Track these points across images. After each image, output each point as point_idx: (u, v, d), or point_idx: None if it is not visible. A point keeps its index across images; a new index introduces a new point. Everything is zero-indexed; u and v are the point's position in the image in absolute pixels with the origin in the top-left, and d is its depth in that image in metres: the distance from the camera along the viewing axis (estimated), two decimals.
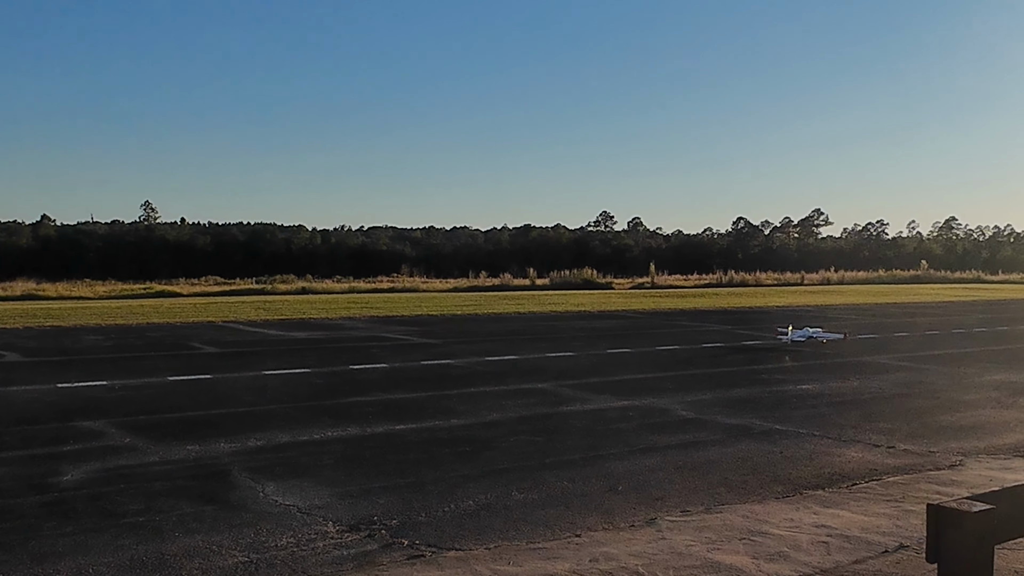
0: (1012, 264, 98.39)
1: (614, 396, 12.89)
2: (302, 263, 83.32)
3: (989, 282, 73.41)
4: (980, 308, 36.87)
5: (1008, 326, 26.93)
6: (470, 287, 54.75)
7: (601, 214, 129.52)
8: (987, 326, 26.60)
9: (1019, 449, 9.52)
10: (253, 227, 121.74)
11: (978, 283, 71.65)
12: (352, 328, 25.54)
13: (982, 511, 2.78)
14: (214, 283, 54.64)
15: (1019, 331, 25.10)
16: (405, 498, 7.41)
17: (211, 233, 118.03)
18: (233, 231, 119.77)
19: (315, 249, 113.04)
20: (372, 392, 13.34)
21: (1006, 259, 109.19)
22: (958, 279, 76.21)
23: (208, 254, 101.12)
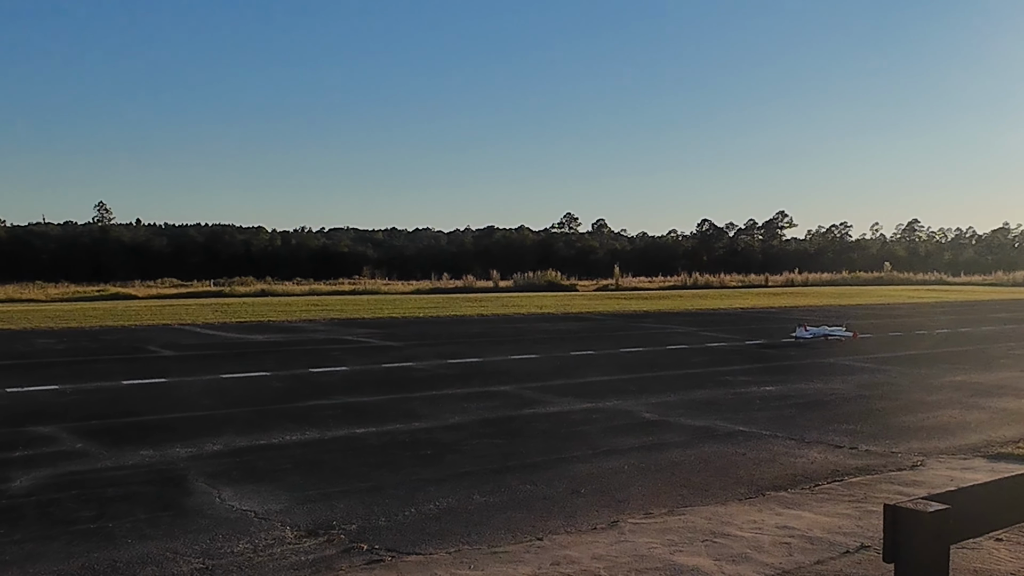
0: (974, 266, 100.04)
1: (578, 398, 12.92)
2: (262, 265, 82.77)
3: (951, 284, 74.61)
4: (942, 310, 37.46)
5: (970, 328, 27.37)
6: (433, 289, 54.66)
7: (565, 216, 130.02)
8: (949, 327, 27.03)
9: (979, 449, 9.68)
10: (211, 228, 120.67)
11: (941, 285, 72.79)
12: (312, 331, 25.39)
13: (938, 511, 2.82)
14: (171, 285, 54.09)
15: (981, 333, 25.53)
16: (365, 502, 7.38)
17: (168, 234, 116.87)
18: (191, 232, 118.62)
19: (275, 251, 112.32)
20: (332, 395, 13.27)
21: (968, 261, 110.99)
22: (921, 281, 77.38)
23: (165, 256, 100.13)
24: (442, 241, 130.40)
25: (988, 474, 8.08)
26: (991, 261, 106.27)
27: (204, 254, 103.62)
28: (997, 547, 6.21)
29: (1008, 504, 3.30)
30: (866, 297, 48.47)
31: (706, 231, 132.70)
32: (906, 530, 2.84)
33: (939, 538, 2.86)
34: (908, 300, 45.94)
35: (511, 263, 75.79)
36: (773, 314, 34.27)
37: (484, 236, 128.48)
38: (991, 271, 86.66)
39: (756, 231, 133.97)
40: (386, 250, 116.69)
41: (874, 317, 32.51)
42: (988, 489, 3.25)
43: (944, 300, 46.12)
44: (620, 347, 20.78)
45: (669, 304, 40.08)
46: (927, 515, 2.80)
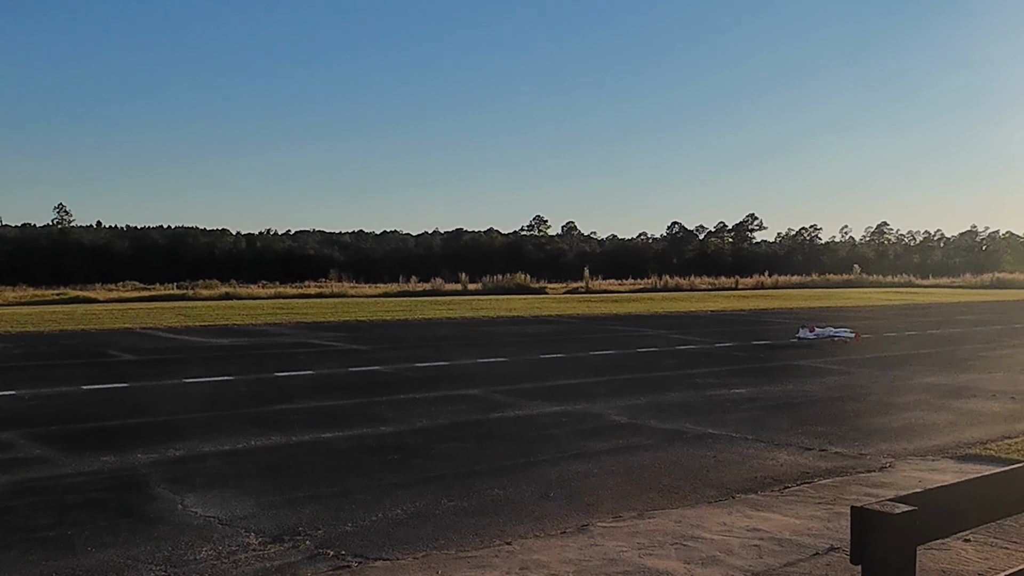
0: (942, 268, 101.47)
1: (547, 402, 12.94)
2: (226, 268, 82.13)
3: (920, 286, 75.51)
4: (910, 312, 37.91)
5: (938, 330, 27.72)
6: (400, 292, 54.51)
7: (535, 218, 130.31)
8: (917, 329, 27.36)
9: (947, 450, 9.80)
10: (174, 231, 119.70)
11: (909, 287, 73.66)
12: (278, 334, 25.24)
13: (905, 512, 2.86)
14: (133, 288, 53.51)
15: (948, 335, 25.86)
16: (331, 507, 7.34)
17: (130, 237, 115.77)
18: (153, 235, 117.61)
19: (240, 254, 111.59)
20: (298, 399, 13.20)
21: (936, 263, 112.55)
22: (890, 283, 78.23)
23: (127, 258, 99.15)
24: (410, 244, 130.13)
25: (956, 475, 8.19)
26: (959, 264, 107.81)
27: (167, 257, 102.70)
28: (965, 547, 6.30)
29: (975, 505, 3.34)
30: (836, 299, 48.95)
31: (676, 234, 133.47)
32: (873, 532, 2.87)
33: (906, 539, 2.89)
34: (877, 302, 46.44)
35: (480, 266, 75.79)
36: (743, 317, 34.52)
37: (453, 239, 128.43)
38: (959, 274, 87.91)
39: (726, 234, 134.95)
40: (353, 253, 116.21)
41: (843, 320, 32.81)
42: (955, 490, 3.29)
43: (913, 302, 46.67)
44: (590, 350, 20.83)
45: (639, 307, 40.25)
46: (894, 517, 2.83)
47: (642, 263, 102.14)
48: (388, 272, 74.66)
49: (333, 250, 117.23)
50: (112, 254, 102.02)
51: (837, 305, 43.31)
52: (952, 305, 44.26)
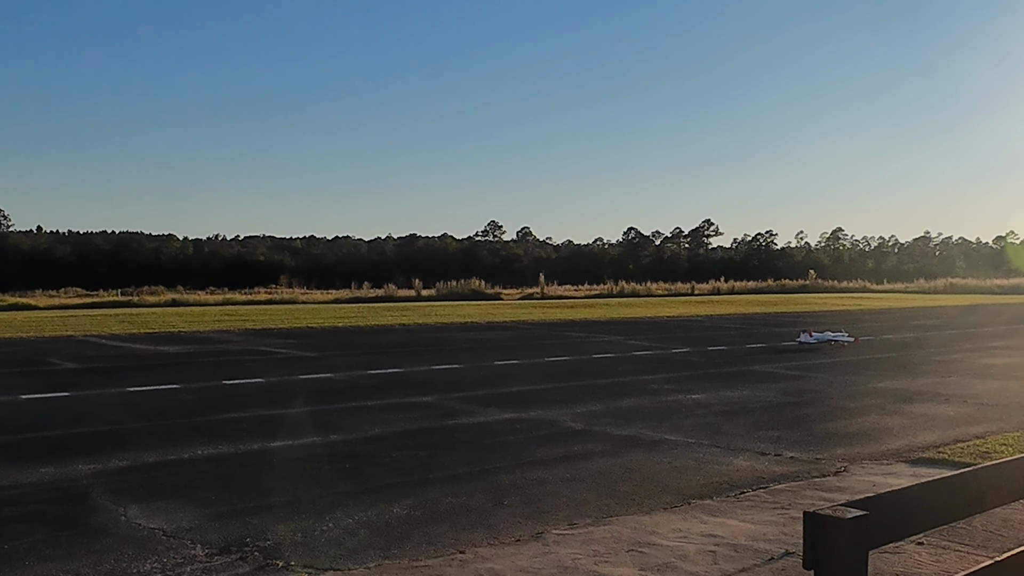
0: (896, 274, 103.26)
1: (501, 409, 12.94)
2: (173, 274, 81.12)
3: (874, 291, 76.77)
4: (865, 317, 38.48)
5: (892, 334, 28.17)
6: (352, 298, 54.23)
7: (489, 223, 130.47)
8: (872, 334, 27.76)
9: (902, 454, 9.96)
10: (119, 236, 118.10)
11: (864, 292, 74.85)
12: (226, 341, 24.96)
13: (857, 517, 2.89)
14: (75, 295, 52.68)
15: (903, 339, 26.29)
16: (281, 517, 7.27)
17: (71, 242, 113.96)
18: (96, 240, 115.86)
19: (187, 259, 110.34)
20: (247, 408, 13.06)
21: (890, 269, 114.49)
22: (845, 288, 79.46)
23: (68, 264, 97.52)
24: (362, 249, 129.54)
25: (910, 479, 8.32)
26: (913, 269, 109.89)
27: (110, 262, 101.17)
28: (919, 551, 6.40)
29: (926, 508, 3.39)
30: (791, 305, 49.55)
31: (632, 239, 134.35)
32: (825, 536, 2.90)
33: (858, 544, 2.93)
34: (832, 308, 47.09)
35: (434, 272, 75.64)
36: (699, 322, 34.81)
37: (406, 244, 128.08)
38: (913, 279, 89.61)
39: (682, 239, 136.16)
40: (304, 259, 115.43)
41: (799, 325, 33.23)
42: (907, 494, 3.34)
43: (867, 307, 47.38)
44: (545, 356, 20.87)
45: (595, 313, 40.42)
46: (846, 521, 2.87)
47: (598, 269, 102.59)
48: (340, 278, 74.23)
49: (284, 256, 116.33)
50: (53, 260, 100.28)
51: (793, 311, 43.85)
52: (906, 310, 45.01)
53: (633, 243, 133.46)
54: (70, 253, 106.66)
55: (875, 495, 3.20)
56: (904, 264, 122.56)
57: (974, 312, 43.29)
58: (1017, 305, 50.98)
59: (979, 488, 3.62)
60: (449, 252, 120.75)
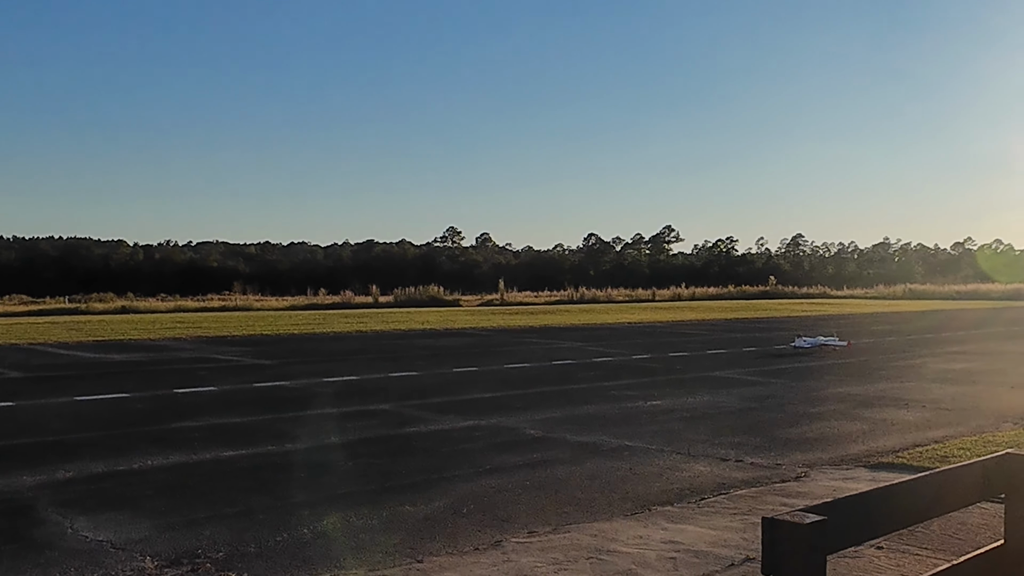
0: (856, 280, 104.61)
1: (460, 416, 12.92)
2: (122, 280, 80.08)
3: (834, 297, 77.70)
4: (825, 323, 38.90)
5: (852, 340, 28.49)
6: (308, 305, 53.87)
7: (448, 229, 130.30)
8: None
9: (862, 459, 10.09)
10: (66, 242, 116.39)
11: (824, 298, 75.71)
12: (178, 349, 24.68)
13: (815, 522, 2.91)
14: (20, 302, 51.75)
15: (862, 346, 26.61)
16: (234, 528, 7.20)
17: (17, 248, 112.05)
18: (43, 246, 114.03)
19: (137, 265, 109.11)
20: (199, 417, 12.91)
21: (850, 275, 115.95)
22: (805, 294, 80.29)
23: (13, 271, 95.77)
24: (319, 255, 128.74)
25: (869, 483, 8.42)
26: (872, 275, 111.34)
27: (58, 269, 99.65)
28: (878, 555, 6.48)
29: (884, 513, 3.44)
30: (752, 311, 50.01)
31: (593, 245, 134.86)
32: (783, 542, 2.92)
33: (816, 549, 2.95)
34: (792, 314, 47.59)
35: (391, 278, 75.33)
36: (660, 328, 35.01)
37: (363, 250, 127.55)
38: (873, 285, 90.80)
39: (643, 245, 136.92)
40: (259, 265, 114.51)
41: (759, 331, 33.57)
42: (864, 499, 3.38)
43: (827, 313, 47.95)
44: (504, 363, 20.88)
45: (555, 319, 40.51)
46: (804, 527, 2.89)
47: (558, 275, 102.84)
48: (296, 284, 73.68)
49: (238, 262, 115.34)
50: None
51: (753, 316, 44.25)
52: (865, 315, 45.62)
53: (594, 249, 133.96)
54: (15, 259, 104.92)
55: (833, 500, 3.23)
56: (864, 270, 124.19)
57: (932, 317, 43.97)
58: (974, 310, 51.88)
59: (937, 492, 3.68)
60: (407, 258, 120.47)
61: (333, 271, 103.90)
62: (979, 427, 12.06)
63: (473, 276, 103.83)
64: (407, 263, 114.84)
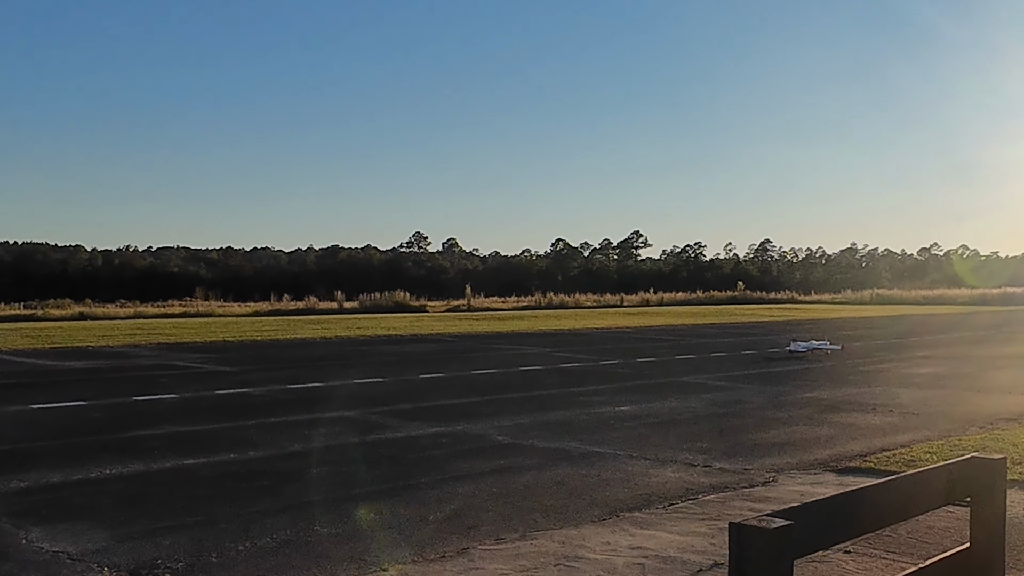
0: (824, 285, 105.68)
1: (427, 423, 12.89)
2: (80, 286, 79.14)
3: (802, 302, 78.36)
4: (793, 328, 39.22)
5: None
6: (272, 311, 53.55)
7: (415, 235, 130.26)
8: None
9: (829, 464, 10.17)
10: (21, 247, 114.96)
11: (791, 303, 76.34)
12: (138, 356, 24.43)
13: (781, 527, 2.94)
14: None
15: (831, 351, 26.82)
16: (195, 538, 7.12)
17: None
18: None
19: (96, 271, 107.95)
20: (159, 425, 12.78)
21: (818, 280, 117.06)
22: (773, 299, 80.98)
23: None
24: (283, 261, 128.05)
25: (837, 488, 8.49)
26: (840, 280, 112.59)
27: (13, 274, 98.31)
28: (845, 559, 6.54)
29: (851, 517, 3.47)
30: (720, 316, 50.32)
31: (560, 251, 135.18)
32: (750, 547, 2.94)
33: (783, 554, 2.98)
34: (761, 319, 47.95)
35: (357, 284, 75.10)
36: (628, 334, 35.14)
37: (328, 255, 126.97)
38: (840, 290, 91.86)
39: (611, 251, 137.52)
40: (221, 270, 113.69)
41: (726, 336, 33.78)
42: (830, 504, 3.41)
43: (795, 318, 48.33)
44: (471, 369, 20.85)
45: (523, 325, 40.53)
46: (770, 532, 2.91)
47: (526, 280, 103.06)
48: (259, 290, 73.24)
49: (199, 267, 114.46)
50: None
51: (721, 322, 44.54)
52: (833, 320, 46.01)
53: (561, 254, 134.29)
54: None
55: (799, 505, 3.26)
56: (831, 275, 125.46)
57: (899, 322, 44.48)
58: (941, 315, 52.57)
59: (903, 496, 3.72)
60: (373, 264, 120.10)
61: (297, 277, 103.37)
62: (946, 431, 12.20)
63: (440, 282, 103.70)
64: (373, 268, 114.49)
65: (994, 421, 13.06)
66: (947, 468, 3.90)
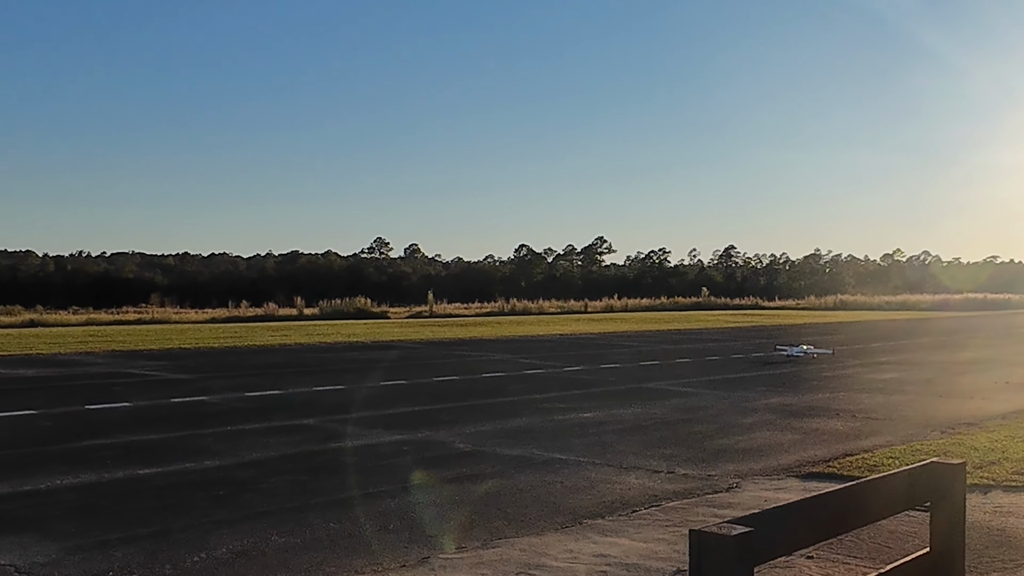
0: (788, 291, 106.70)
1: (388, 430, 12.84)
2: (31, 293, 78.00)
3: (766, 308, 79.01)
4: (757, 334, 39.57)
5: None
6: (230, 318, 53.07)
7: (376, 240, 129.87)
8: (763, 351, 28.55)
9: (792, 469, 10.26)
10: None
11: (756, 309, 76.95)
12: (91, 364, 24.11)
13: (742, 534, 2.95)
14: None
15: (796, 357, 27.08)
16: (148, 549, 7.04)
17: None
18: None
19: (47, 277, 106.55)
20: (113, 434, 12.62)
21: (782, 286, 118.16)
22: (737, 305, 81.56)
23: None
24: (241, 266, 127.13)
25: (800, 493, 8.56)
26: (804, 286, 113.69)
27: None
28: (808, 564, 6.59)
29: (813, 523, 3.50)
30: (685, 323, 50.61)
31: (524, 256, 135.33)
32: (710, 554, 2.96)
33: (743, 560, 2.99)
34: (725, 325, 48.28)
35: (317, 290, 74.61)
36: (593, 340, 35.23)
37: (288, 261, 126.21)
38: (804, 296, 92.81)
39: (575, 256, 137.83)
40: (177, 276, 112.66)
41: (691, 342, 33.98)
42: (791, 509, 3.43)
43: (759, 324, 48.73)
44: (433, 376, 20.80)
45: (486, 331, 40.50)
46: (730, 538, 2.93)
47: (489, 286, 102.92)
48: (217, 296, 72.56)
49: (155, 273, 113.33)
50: None
51: (685, 328, 44.78)
52: (797, 326, 46.45)
53: (525, 260, 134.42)
54: None
55: (760, 511, 3.28)
56: (795, 281, 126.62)
57: (862, 328, 44.99)
58: (904, 321, 53.25)
59: (865, 501, 3.75)
60: (334, 269, 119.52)
61: (256, 283, 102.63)
62: (908, 436, 12.35)
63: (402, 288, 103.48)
64: (333, 274, 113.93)
65: (955, 425, 13.25)
66: (908, 473, 3.95)
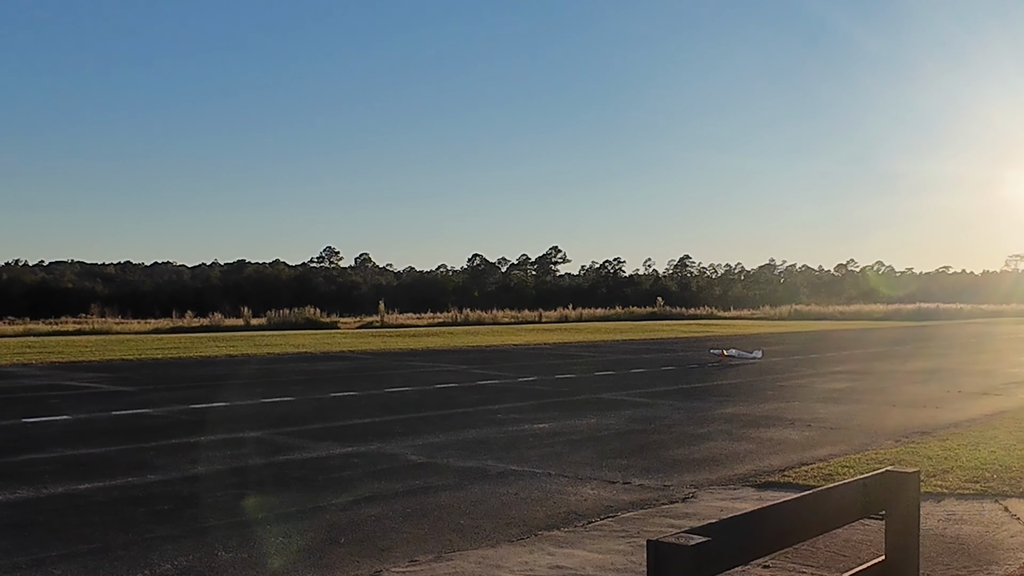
0: (742, 301, 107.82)
1: (338, 443, 12.76)
2: None
3: (721, 318, 79.84)
4: (712, 343, 39.90)
5: (739, 362, 29.29)
6: (174, 328, 52.47)
7: (325, 249, 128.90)
8: (719, 360, 28.82)
9: (749, 479, 10.36)
10: None
11: (711, 319, 77.67)
12: (27, 376, 23.69)
13: (699, 544, 2.98)
14: None
15: (749, 367, 27.38)
16: (88, 566, 6.93)
17: None
18: None
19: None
20: (50, 448, 12.40)
21: (737, 296, 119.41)
22: (692, 315, 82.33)
23: None
24: (185, 276, 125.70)
25: (756, 503, 8.64)
26: (758, 296, 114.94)
27: None
28: (764, 573, 6.66)
29: (769, 532, 3.54)
30: (640, 332, 50.90)
31: (477, 266, 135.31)
32: (668, 564, 2.98)
33: (700, 570, 3.02)
34: (680, 335, 48.64)
35: (265, 300, 73.99)
36: (547, 350, 35.32)
37: (234, 270, 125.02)
38: (759, 305, 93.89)
39: (529, 266, 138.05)
40: (119, 286, 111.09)
41: (646, 352, 34.20)
42: (748, 519, 3.47)
43: (714, 334, 49.14)
44: (385, 387, 20.72)
45: (438, 341, 40.43)
46: (687, 548, 2.96)
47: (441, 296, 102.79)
48: (160, 307, 71.79)
49: (95, 283, 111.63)
50: None
51: (640, 338, 45.05)
52: (752, 336, 46.90)
53: (478, 270, 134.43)
54: None
55: (717, 521, 3.32)
56: (750, 291, 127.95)
57: (817, 338, 45.57)
58: (858, 330, 54.03)
59: (820, 510, 3.80)
60: (282, 279, 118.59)
61: (201, 292, 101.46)
62: (862, 445, 12.53)
63: (352, 297, 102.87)
64: (281, 284, 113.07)
65: (908, 434, 13.47)
66: (862, 482, 4.01)
